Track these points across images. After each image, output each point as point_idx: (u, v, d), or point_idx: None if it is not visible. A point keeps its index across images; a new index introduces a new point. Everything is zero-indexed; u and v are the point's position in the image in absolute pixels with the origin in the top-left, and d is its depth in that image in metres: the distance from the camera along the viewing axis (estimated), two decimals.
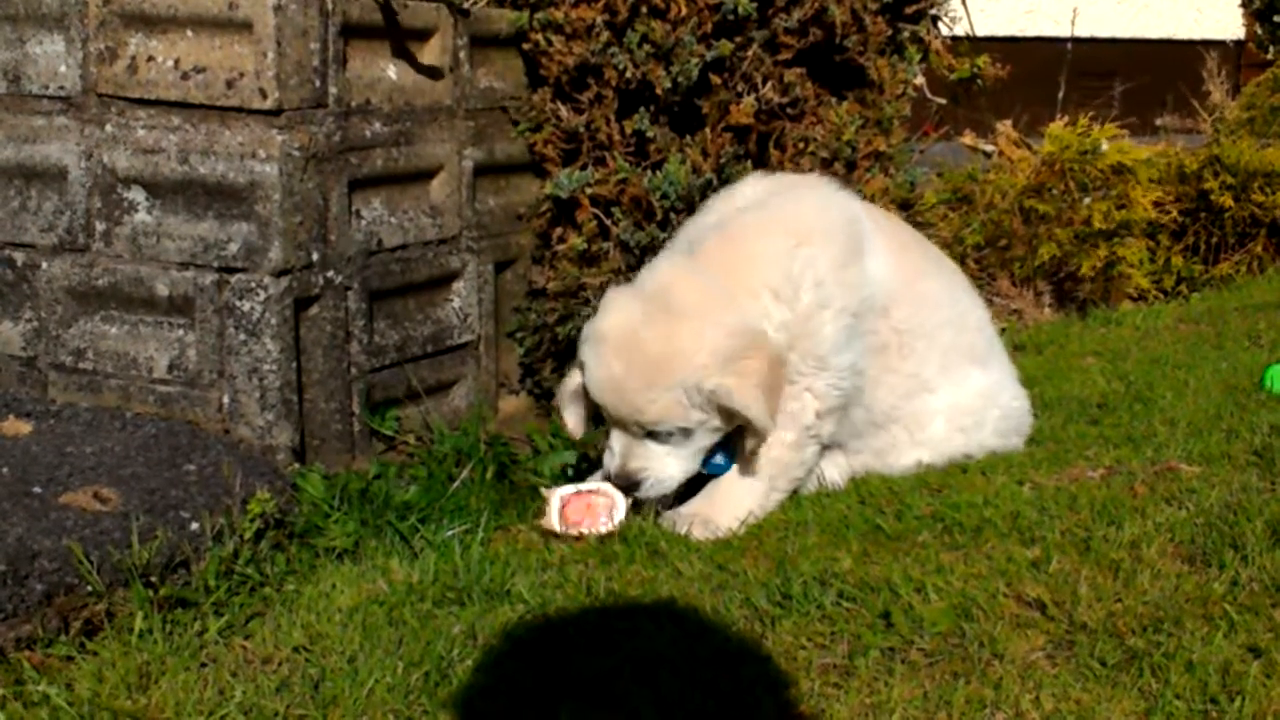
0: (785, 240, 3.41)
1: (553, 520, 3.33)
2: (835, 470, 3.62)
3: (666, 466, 3.33)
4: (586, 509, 3.33)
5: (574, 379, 3.47)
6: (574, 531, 3.30)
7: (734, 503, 3.38)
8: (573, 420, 3.53)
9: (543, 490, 3.44)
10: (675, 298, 3.31)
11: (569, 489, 3.37)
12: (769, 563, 3.03)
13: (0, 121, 3.85)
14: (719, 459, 3.42)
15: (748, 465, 3.39)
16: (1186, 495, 3.25)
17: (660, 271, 3.44)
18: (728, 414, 3.26)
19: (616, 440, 3.35)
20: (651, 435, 3.30)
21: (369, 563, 3.15)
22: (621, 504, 3.33)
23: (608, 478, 3.37)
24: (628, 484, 3.33)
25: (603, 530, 3.29)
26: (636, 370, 3.25)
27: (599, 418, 3.48)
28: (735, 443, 3.39)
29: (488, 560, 3.08)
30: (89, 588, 2.85)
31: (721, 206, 3.61)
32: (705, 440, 3.33)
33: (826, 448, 3.55)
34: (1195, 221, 6.26)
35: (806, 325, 3.37)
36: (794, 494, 3.49)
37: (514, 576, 2.98)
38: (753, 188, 3.64)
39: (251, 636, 2.78)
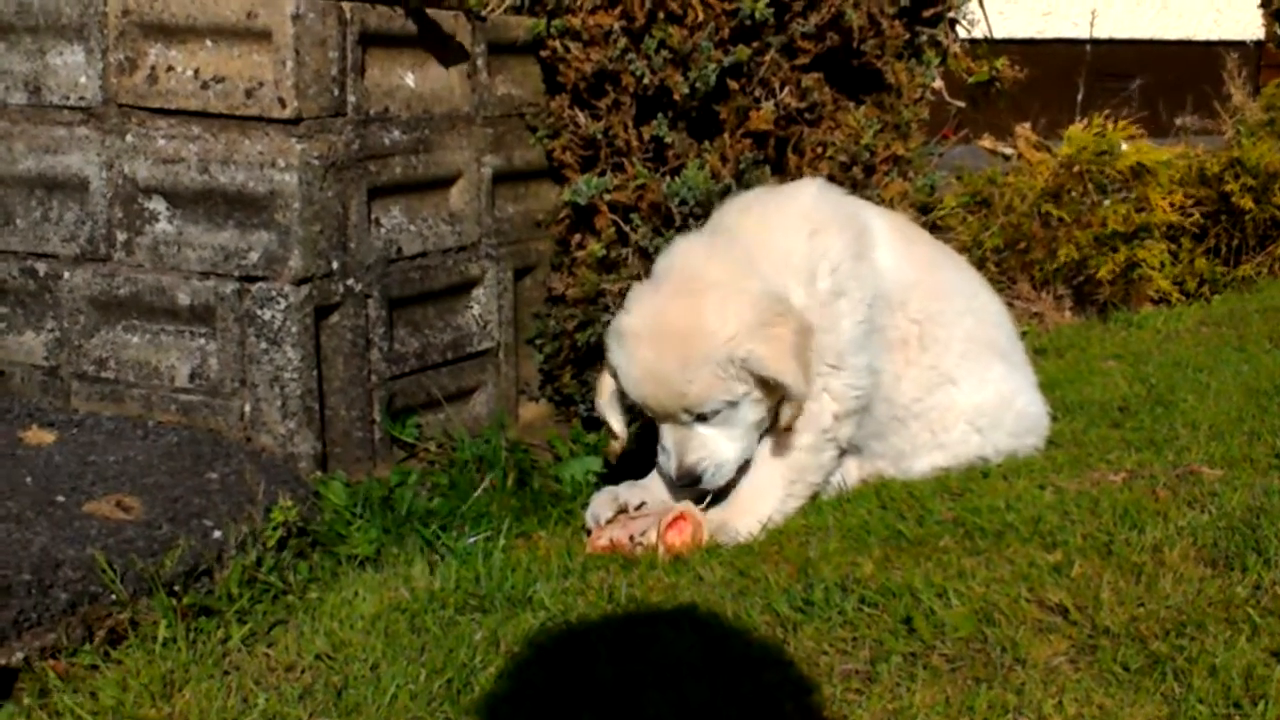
0: (801, 226, 3.44)
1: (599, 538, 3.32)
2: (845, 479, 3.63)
3: (722, 449, 3.31)
4: (627, 537, 3.31)
5: (607, 385, 3.46)
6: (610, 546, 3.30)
7: (753, 508, 3.38)
8: (616, 424, 3.52)
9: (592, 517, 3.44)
10: (697, 275, 3.32)
11: (619, 530, 3.34)
12: (790, 568, 3.02)
13: (21, 132, 3.87)
14: None
15: (784, 441, 3.39)
16: (1209, 499, 3.24)
17: (678, 255, 3.43)
18: (766, 383, 3.25)
19: (668, 437, 3.33)
20: (700, 418, 3.28)
21: (391, 570, 3.15)
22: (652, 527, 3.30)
23: (667, 480, 3.37)
24: (690, 479, 3.30)
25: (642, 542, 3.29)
26: (669, 353, 3.24)
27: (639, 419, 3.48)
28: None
29: (509, 567, 3.08)
30: (113, 597, 2.87)
31: (730, 206, 3.61)
32: (752, 413, 3.30)
33: (844, 452, 3.55)
34: (1216, 223, 6.23)
35: (824, 316, 3.37)
36: (814, 498, 3.49)
37: (536, 583, 2.99)
38: (756, 192, 3.68)
39: (274, 644, 2.79)
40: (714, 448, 3.31)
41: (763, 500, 3.39)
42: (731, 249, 3.38)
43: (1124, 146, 5.72)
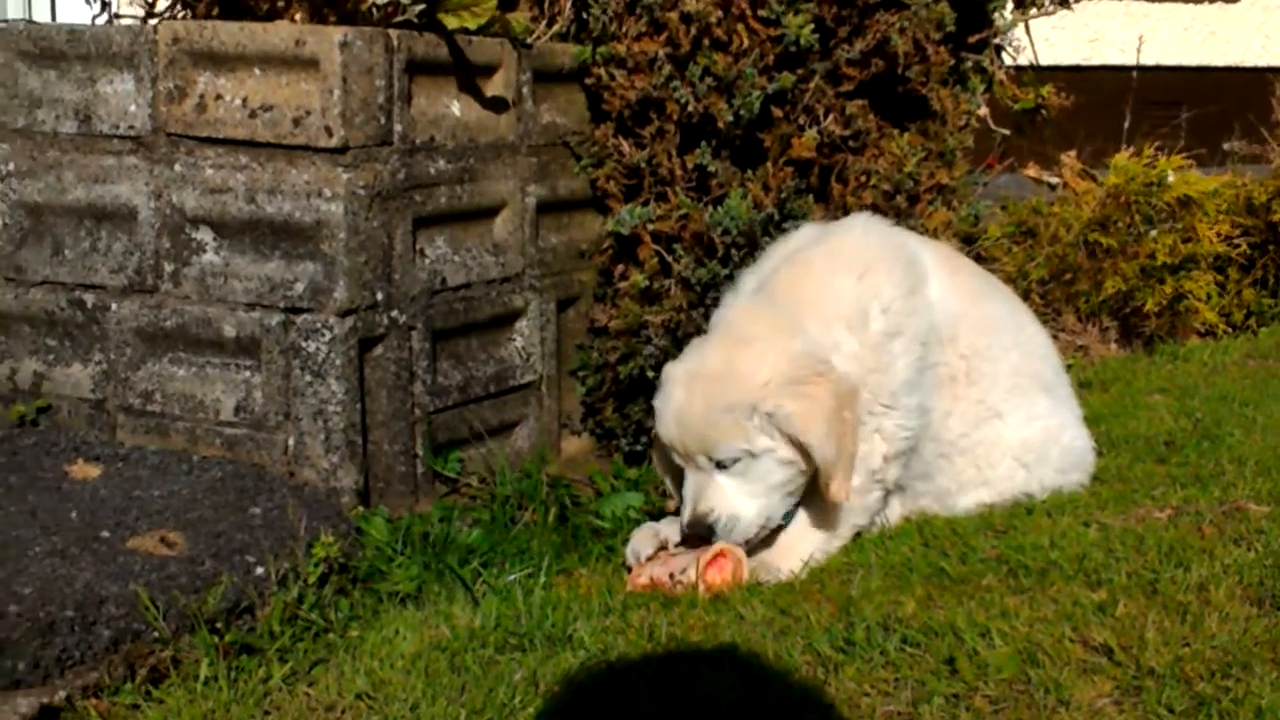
0: (850, 269, 3.43)
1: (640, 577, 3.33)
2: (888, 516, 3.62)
3: (737, 504, 3.29)
4: (667, 575, 3.31)
5: (657, 440, 3.48)
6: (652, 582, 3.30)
7: (795, 547, 3.37)
8: (670, 483, 3.55)
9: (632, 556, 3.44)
10: (740, 328, 3.36)
11: (659, 567, 3.34)
12: (831, 607, 3.01)
13: (71, 162, 3.90)
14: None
15: (826, 506, 3.37)
16: (1255, 536, 3.22)
17: (727, 311, 3.50)
18: (796, 444, 3.24)
19: (689, 485, 3.34)
20: (720, 466, 3.28)
21: (432, 608, 3.16)
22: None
23: (683, 533, 3.36)
24: (701, 528, 3.29)
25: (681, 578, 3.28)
26: (698, 394, 3.26)
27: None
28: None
29: (549, 605, 3.08)
30: (155, 634, 2.88)
31: (777, 253, 3.64)
32: (777, 473, 3.28)
33: (889, 492, 3.54)
34: (1264, 254, 6.19)
35: (879, 357, 3.37)
36: (856, 536, 3.48)
37: (576, 622, 2.98)
38: (803, 234, 3.68)
39: (315, 683, 2.79)
40: (729, 500, 3.29)
41: (805, 539, 3.39)
42: (777, 305, 3.41)
43: (1170, 178, 5.68)
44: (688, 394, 3.29)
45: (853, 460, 3.27)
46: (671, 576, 3.26)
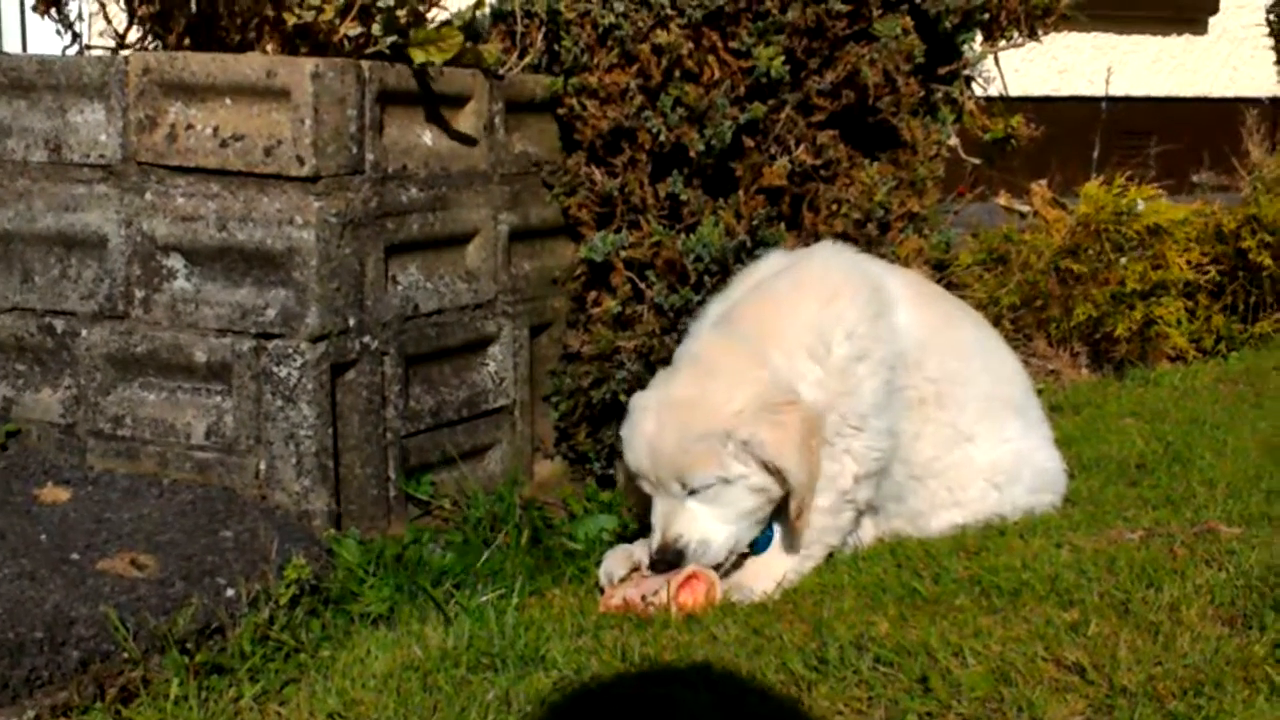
0: (814, 298, 3.44)
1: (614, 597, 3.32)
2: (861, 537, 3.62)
3: (708, 529, 3.28)
4: (640, 596, 3.30)
5: (621, 467, 3.49)
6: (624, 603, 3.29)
7: (768, 568, 3.37)
8: (638, 509, 3.55)
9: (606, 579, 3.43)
10: (707, 359, 3.37)
11: (632, 588, 3.34)
12: (805, 627, 3.01)
13: (41, 190, 3.89)
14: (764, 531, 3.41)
15: (794, 531, 3.36)
16: (1226, 557, 3.22)
17: (693, 343, 3.52)
18: (769, 470, 3.25)
19: (658, 512, 3.33)
20: (692, 493, 3.27)
21: (404, 628, 3.14)
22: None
23: (651, 559, 3.35)
24: (672, 554, 3.28)
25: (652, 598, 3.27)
26: (670, 425, 3.27)
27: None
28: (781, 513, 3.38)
29: (522, 626, 3.07)
30: (125, 655, 2.86)
31: (744, 282, 3.65)
32: (748, 499, 3.28)
33: (861, 513, 3.54)
34: (1234, 280, 6.23)
35: (845, 381, 3.38)
36: (829, 557, 3.48)
37: (549, 642, 2.97)
38: (770, 263, 3.69)
39: (286, 703, 2.77)
40: (699, 525, 3.29)
41: (778, 560, 3.39)
42: (743, 335, 3.42)
43: (1140, 206, 5.72)
44: (659, 423, 3.29)
45: (815, 487, 3.29)
46: (644, 598, 3.25)
